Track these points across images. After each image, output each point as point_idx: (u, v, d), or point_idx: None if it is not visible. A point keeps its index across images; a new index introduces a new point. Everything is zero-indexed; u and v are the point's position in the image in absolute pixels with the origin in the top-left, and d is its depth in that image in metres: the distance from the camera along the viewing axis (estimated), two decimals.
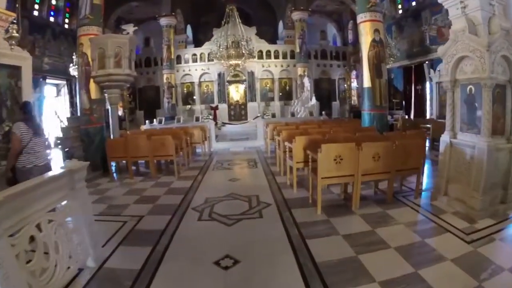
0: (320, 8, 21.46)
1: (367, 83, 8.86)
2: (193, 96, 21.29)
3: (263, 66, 21.07)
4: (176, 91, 20.49)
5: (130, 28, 8.43)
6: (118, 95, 8.60)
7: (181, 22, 21.42)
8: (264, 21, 23.43)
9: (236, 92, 21.31)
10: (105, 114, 8.96)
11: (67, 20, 15.68)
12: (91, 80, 8.30)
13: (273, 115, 16.40)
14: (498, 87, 4.47)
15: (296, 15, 19.68)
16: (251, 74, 20.80)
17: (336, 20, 23.68)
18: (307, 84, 16.76)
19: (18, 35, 4.96)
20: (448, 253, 3.39)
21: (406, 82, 16.42)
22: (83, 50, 8.40)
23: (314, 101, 15.60)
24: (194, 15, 22.97)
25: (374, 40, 8.77)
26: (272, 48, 21.34)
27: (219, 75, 20.73)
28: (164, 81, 19.61)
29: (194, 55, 21.02)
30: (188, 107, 21.05)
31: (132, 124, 19.17)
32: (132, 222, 4.78)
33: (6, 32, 4.92)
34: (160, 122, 13.91)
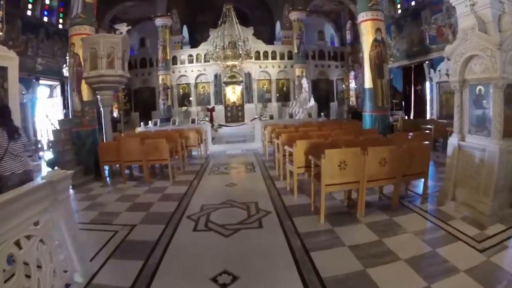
0: (318, 8, 21.30)
1: (368, 83, 8.63)
2: (189, 98, 21.02)
3: (260, 67, 20.83)
4: (172, 93, 20.24)
5: (123, 28, 8.13)
6: (111, 97, 8.30)
7: (177, 22, 21.15)
8: (261, 21, 23.24)
9: (233, 94, 21.05)
10: (99, 116, 8.67)
11: (61, 20, 15.36)
12: (83, 81, 8.00)
13: (271, 116, 16.13)
14: (509, 87, 4.24)
15: (293, 15, 19.47)
16: (248, 75, 20.56)
17: (334, 20, 23.55)
18: (305, 85, 16.53)
19: (2, 33, 4.66)
20: (460, 263, 3.19)
21: (406, 82, 16.22)
22: (75, 50, 8.12)
23: (312, 102, 15.35)
24: (190, 15, 22.73)
25: (375, 40, 8.55)
26: (270, 48, 21.11)
27: (216, 76, 20.45)
28: (160, 82, 19.35)
29: (190, 56, 20.73)
30: (184, 108, 20.78)
31: (127, 126, 18.91)
32: (123, 232, 4.51)
33: None
34: (155, 124, 13.64)
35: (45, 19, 14.36)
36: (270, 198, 5.75)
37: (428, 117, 14.15)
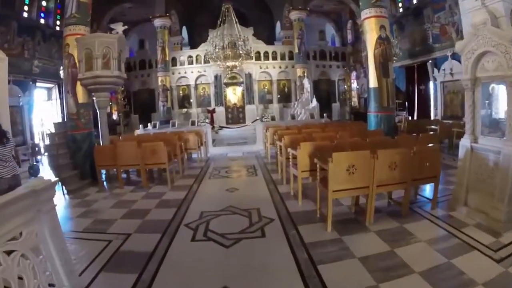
0: (318, 8, 21.03)
1: (373, 83, 8.34)
2: (189, 99, 20.75)
3: (261, 68, 20.54)
4: (171, 94, 19.97)
5: (119, 27, 7.86)
6: (107, 99, 8.02)
7: (176, 23, 20.92)
8: (260, 21, 22.97)
9: (233, 95, 20.75)
10: (95, 119, 8.39)
11: (58, 22, 15.07)
12: (78, 82, 7.74)
13: (272, 118, 15.84)
14: None
15: (294, 15, 19.22)
16: (249, 76, 20.27)
17: (334, 20, 23.30)
18: (307, 85, 16.24)
19: None
20: (478, 275, 2.98)
21: (409, 82, 15.93)
22: (69, 51, 7.84)
23: (315, 102, 15.05)
24: (189, 16, 22.49)
25: (380, 37, 8.27)
26: (270, 49, 20.82)
27: (216, 77, 20.17)
28: (159, 83, 19.07)
29: (190, 57, 20.45)
30: (184, 110, 20.50)
31: (127, 129, 18.70)
32: (117, 242, 4.25)
33: None
34: (155, 127, 13.36)
35: (41, 21, 14.08)
36: (273, 204, 5.47)
37: (432, 117, 13.85)
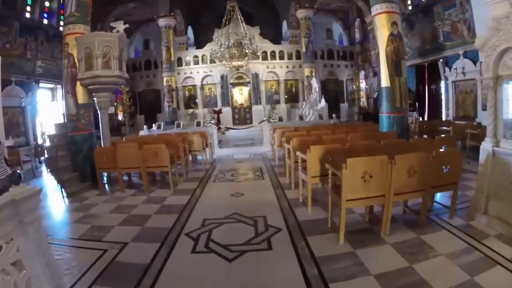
0: (325, 6, 20.62)
1: (385, 82, 7.95)
2: (195, 100, 20.49)
3: (267, 67, 20.18)
4: (177, 95, 19.74)
5: (120, 26, 7.59)
6: (108, 99, 7.75)
7: (180, 23, 20.68)
8: (266, 21, 22.61)
9: (240, 95, 20.43)
10: (97, 120, 8.14)
11: (61, 23, 14.92)
12: (78, 83, 7.48)
13: (280, 118, 15.50)
14: None
15: (301, 13, 18.84)
16: (256, 75, 19.94)
17: (341, 18, 22.85)
18: (315, 85, 15.86)
19: None
20: None
21: (419, 81, 15.50)
22: (69, 51, 7.60)
23: (323, 103, 14.64)
24: (194, 16, 22.25)
25: (392, 34, 7.86)
26: (277, 48, 20.46)
27: (222, 77, 19.89)
28: (164, 84, 18.82)
29: (196, 57, 20.20)
30: (190, 111, 20.26)
31: (132, 129, 18.52)
32: (113, 251, 3.97)
33: None
34: (159, 128, 13.08)
35: (44, 21, 13.96)
36: (280, 211, 5.11)
37: (444, 118, 13.43)
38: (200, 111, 20.22)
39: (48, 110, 14.14)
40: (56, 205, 6.52)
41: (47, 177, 9.21)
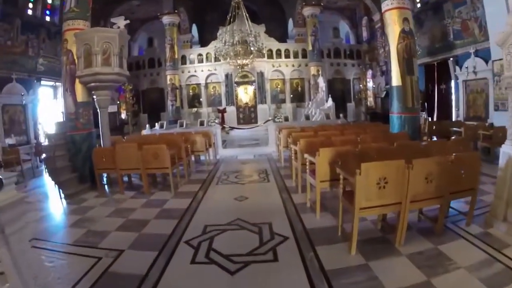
0: (331, 4, 20.35)
1: (396, 81, 7.61)
2: (199, 99, 20.25)
3: (273, 66, 19.89)
4: (181, 93, 19.53)
5: (120, 22, 7.33)
6: (108, 97, 7.47)
7: (185, 20, 20.46)
8: (271, 19, 22.31)
9: (245, 94, 20.15)
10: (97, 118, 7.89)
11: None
12: (77, 80, 7.24)
13: (286, 118, 15.17)
14: None
15: (307, 11, 18.57)
16: (261, 74, 19.65)
17: (348, 16, 22.52)
18: (321, 84, 15.52)
19: None
20: None
21: (428, 81, 15.10)
22: (68, 47, 7.38)
23: (330, 102, 14.27)
24: (199, 14, 22.03)
25: (403, 31, 7.55)
26: (282, 47, 20.17)
27: (227, 76, 19.63)
28: (168, 82, 18.61)
29: (200, 55, 19.96)
30: (194, 110, 20.02)
31: (135, 128, 18.31)
32: (107, 260, 3.71)
33: None
34: (162, 127, 12.81)
35: (47, 18, 13.77)
36: (287, 217, 4.80)
37: (454, 118, 13.05)
38: (204, 110, 19.98)
39: (50, 108, 13.90)
40: (54, 207, 6.31)
41: (47, 176, 8.99)
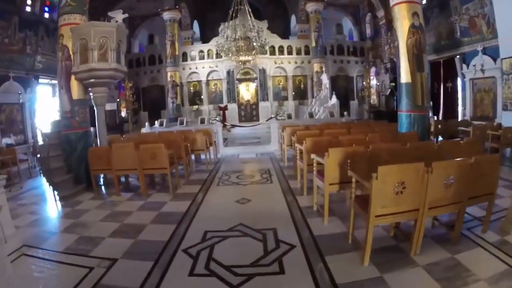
0: (335, 0, 20.06)
1: (405, 77, 7.28)
2: (200, 96, 19.94)
3: (275, 63, 19.54)
4: (182, 91, 19.21)
5: (118, 16, 7.05)
6: (105, 95, 7.19)
7: (186, 16, 20.11)
8: (274, 16, 22.12)
9: (246, 91, 19.78)
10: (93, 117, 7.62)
11: None
12: (72, 77, 6.95)
13: (289, 116, 14.83)
14: None
15: (310, 7, 18.25)
16: (263, 71, 19.29)
17: (352, 13, 22.19)
18: (325, 81, 15.17)
19: None
20: None
21: (434, 79, 14.71)
22: (64, 42, 7.05)
23: (334, 99, 13.88)
24: (200, 10, 21.75)
25: (413, 26, 7.23)
26: (285, 43, 19.82)
27: (228, 72, 19.28)
28: (168, 79, 18.32)
29: (201, 51, 19.60)
30: (195, 107, 19.71)
31: (136, 126, 18.04)
32: (99, 270, 3.43)
33: None
34: (161, 125, 12.51)
35: (45, 15, 13.47)
36: (292, 223, 4.48)
37: (460, 118, 12.73)
38: (205, 108, 19.67)
39: (48, 107, 13.62)
40: (48, 209, 6.02)
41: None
